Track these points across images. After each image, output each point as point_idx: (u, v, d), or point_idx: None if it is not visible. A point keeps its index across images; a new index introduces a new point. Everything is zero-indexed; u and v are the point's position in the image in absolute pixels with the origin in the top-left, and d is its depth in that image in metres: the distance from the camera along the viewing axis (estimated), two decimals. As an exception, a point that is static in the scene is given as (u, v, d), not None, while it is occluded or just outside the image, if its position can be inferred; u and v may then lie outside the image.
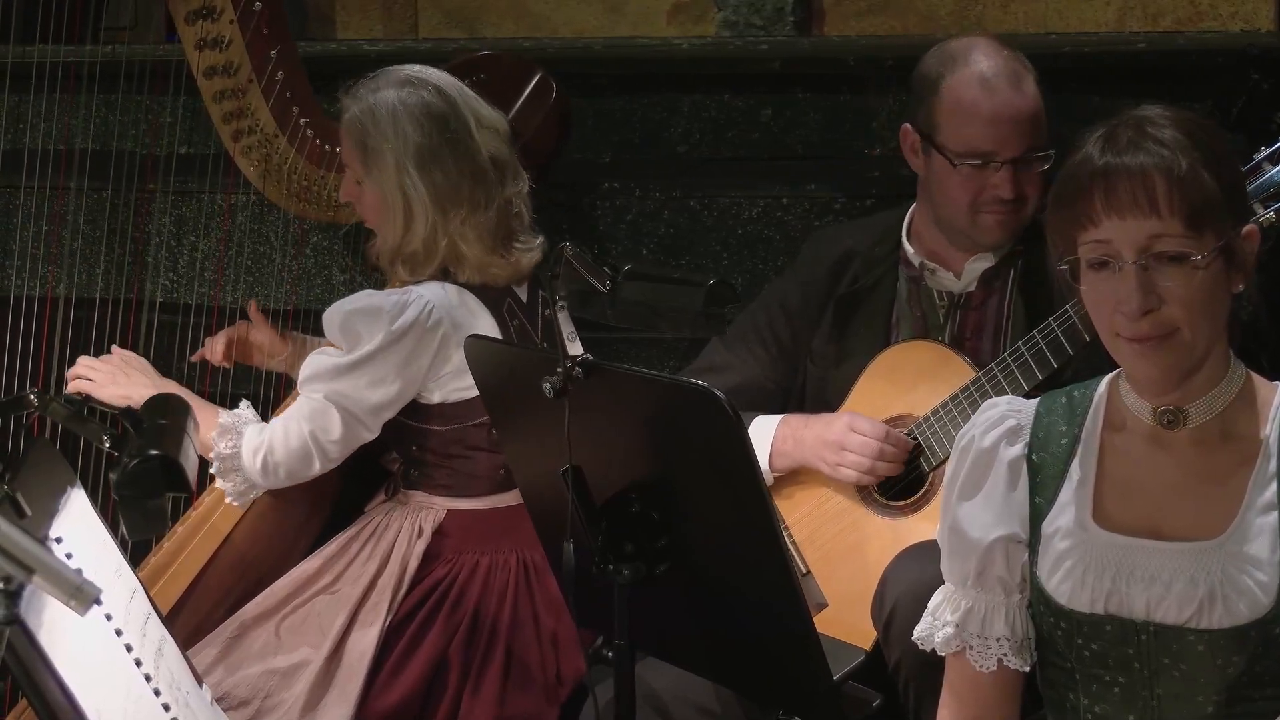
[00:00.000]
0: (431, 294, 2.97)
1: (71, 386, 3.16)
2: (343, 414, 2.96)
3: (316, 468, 3.01)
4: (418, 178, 2.96)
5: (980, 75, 2.90)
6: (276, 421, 3.03)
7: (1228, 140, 2.09)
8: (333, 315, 2.97)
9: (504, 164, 3.04)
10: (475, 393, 2.93)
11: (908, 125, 3.00)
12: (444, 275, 3.02)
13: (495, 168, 3.02)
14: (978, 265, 2.99)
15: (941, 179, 2.94)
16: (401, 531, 3.07)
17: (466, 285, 3.01)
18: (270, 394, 3.39)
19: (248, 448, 3.01)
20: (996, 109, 2.88)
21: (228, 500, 3.09)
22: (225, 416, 3.04)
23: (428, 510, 3.09)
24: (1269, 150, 2.59)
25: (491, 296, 3.03)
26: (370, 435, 3.01)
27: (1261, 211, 2.52)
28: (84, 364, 3.20)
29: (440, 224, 2.97)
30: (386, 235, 3.02)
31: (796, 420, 2.98)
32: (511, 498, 3.04)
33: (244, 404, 3.12)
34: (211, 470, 3.06)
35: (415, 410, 3.03)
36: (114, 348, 3.23)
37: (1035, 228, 2.98)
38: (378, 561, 3.04)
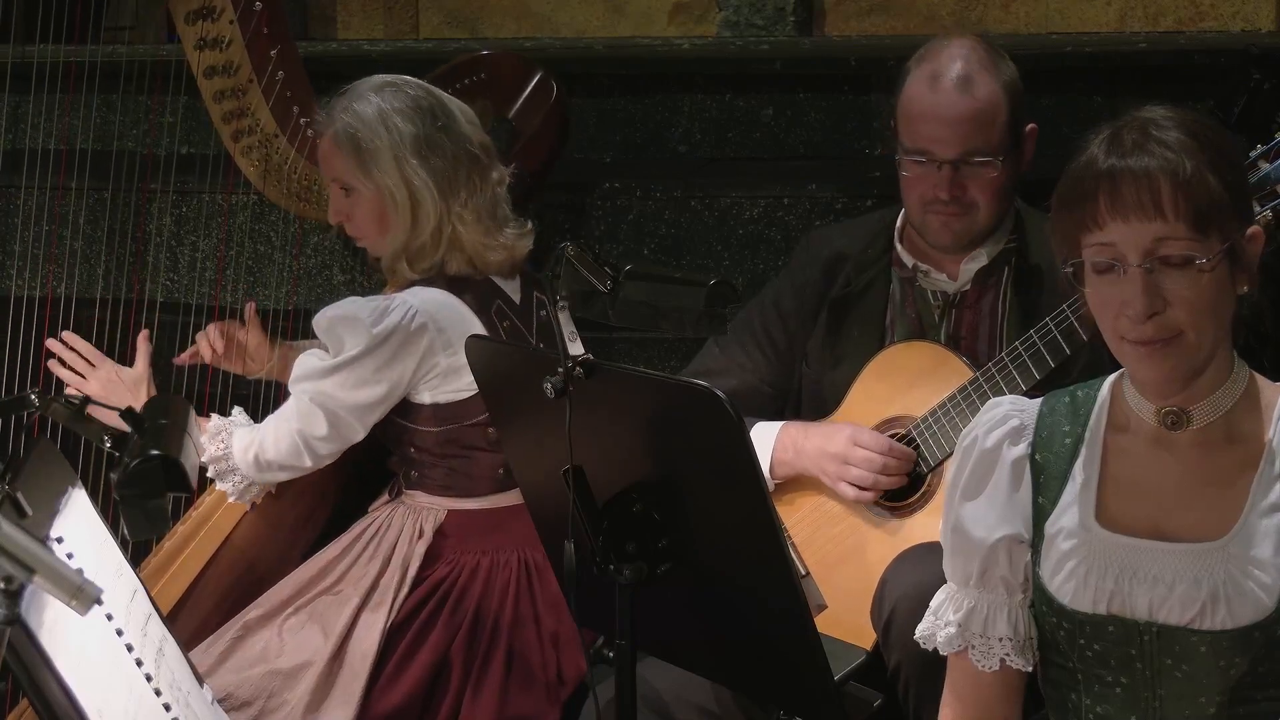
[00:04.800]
0: (416, 299, 2.98)
1: (65, 377, 3.19)
2: (327, 414, 2.98)
3: (308, 464, 3.03)
4: (418, 166, 2.98)
5: (932, 73, 2.89)
6: (269, 420, 3.04)
7: (1232, 141, 2.08)
8: (320, 320, 3.01)
9: (490, 150, 3.08)
10: (467, 394, 2.96)
11: (892, 121, 3.01)
12: (439, 269, 3.03)
13: (484, 152, 3.06)
14: (971, 265, 2.98)
15: (901, 176, 2.94)
16: (402, 532, 3.07)
17: (453, 280, 3.02)
18: (269, 395, 3.39)
19: (238, 446, 3.03)
20: (933, 108, 2.87)
21: (230, 500, 3.10)
22: (215, 420, 3.06)
23: (428, 511, 3.09)
24: (1265, 148, 2.58)
25: (478, 295, 3.04)
26: (359, 434, 3.02)
27: (1259, 209, 2.51)
28: (76, 382, 3.20)
29: (445, 211, 3.00)
30: (393, 235, 3.03)
31: (796, 429, 2.98)
32: (511, 497, 3.04)
33: (237, 410, 3.13)
34: (208, 474, 3.06)
35: (408, 411, 3.03)
36: (95, 358, 3.21)
37: (1025, 225, 2.99)
38: (379, 562, 3.04)
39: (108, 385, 3.18)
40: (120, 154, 3.86)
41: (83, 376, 3.19)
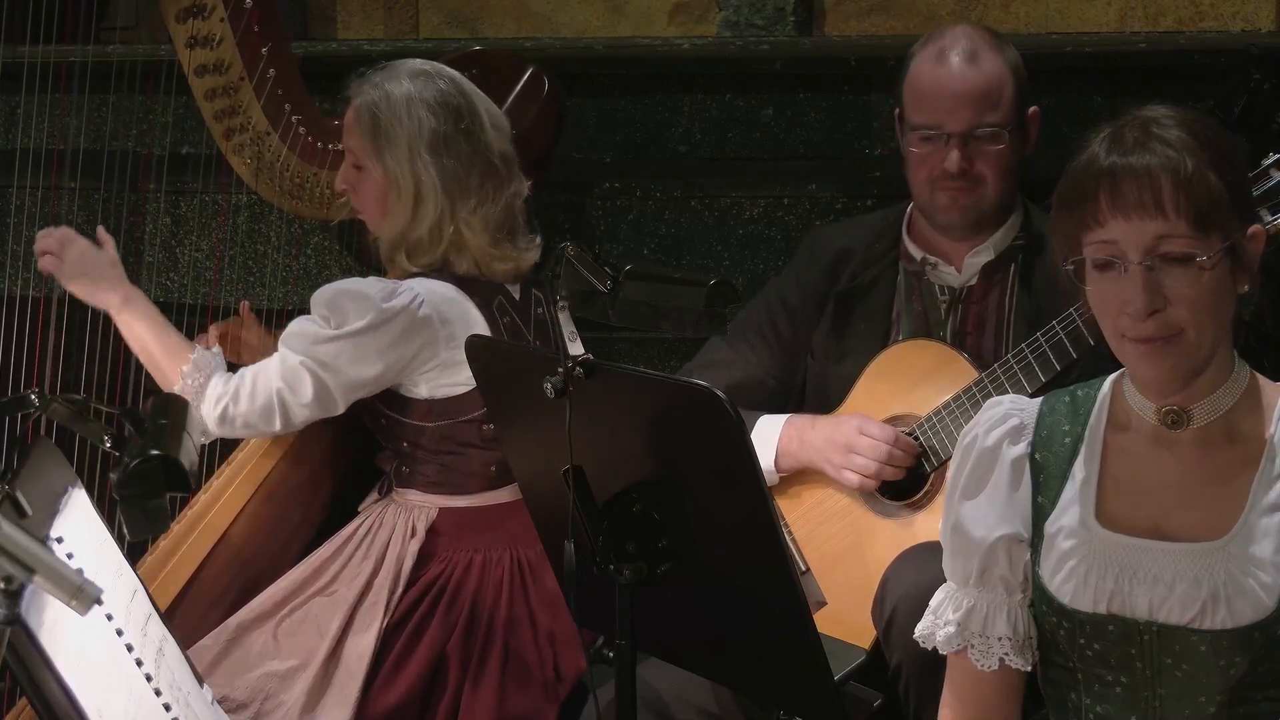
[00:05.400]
0: (422, 287, 2.98)
1: (41, 264, 3.17)
2: (315, 382, 2.96)
3: (277, 427, 3.01)
4: (430, 162, 2.98)
5: (938, 51, 2.93)
6: (246, 372, 3.01)
7: (1233, 141, 2.08)
8: (322, 293, 2.99)
9: (511, 162, 3.07)
10: (464, 389, 2.95)
11: (898, 109, 3.02)
12: (442, 266, 3.03)
13: (504, 164, 3.04)
14: (978, 259, 2.98)
15: (906, 156, 2.96)
16: (395, 531, 3.07)
17: (460, 279, 3.02)
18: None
19: (211, 394, 3.00)
20: (942, 81, 2.90)
21: None
22: (199, 353, 3.04)
23: (420, 509, 3.08)
24: (1277, 156, 2.58)
25: (483, 293, 3.03)
26: (338, 410, 3.01)
27: (1269, 218, 2.51)
28: (52, 243, 3.17)
29: (448, 211, 2.99)
30: (391, 222, 3.03)
31: (802, 421, 2.98)
32: (504, 494, 3.04)
33: (216, 349, 3.11)
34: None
35: (403, 405, 3.03)
36: (64, 237, 3.17)
37: (1032, 223, 2.99)
38: (373, 562, 3.04)
39: (84, 258, 3.15)
40: (118, 154, 3.85)
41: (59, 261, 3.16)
